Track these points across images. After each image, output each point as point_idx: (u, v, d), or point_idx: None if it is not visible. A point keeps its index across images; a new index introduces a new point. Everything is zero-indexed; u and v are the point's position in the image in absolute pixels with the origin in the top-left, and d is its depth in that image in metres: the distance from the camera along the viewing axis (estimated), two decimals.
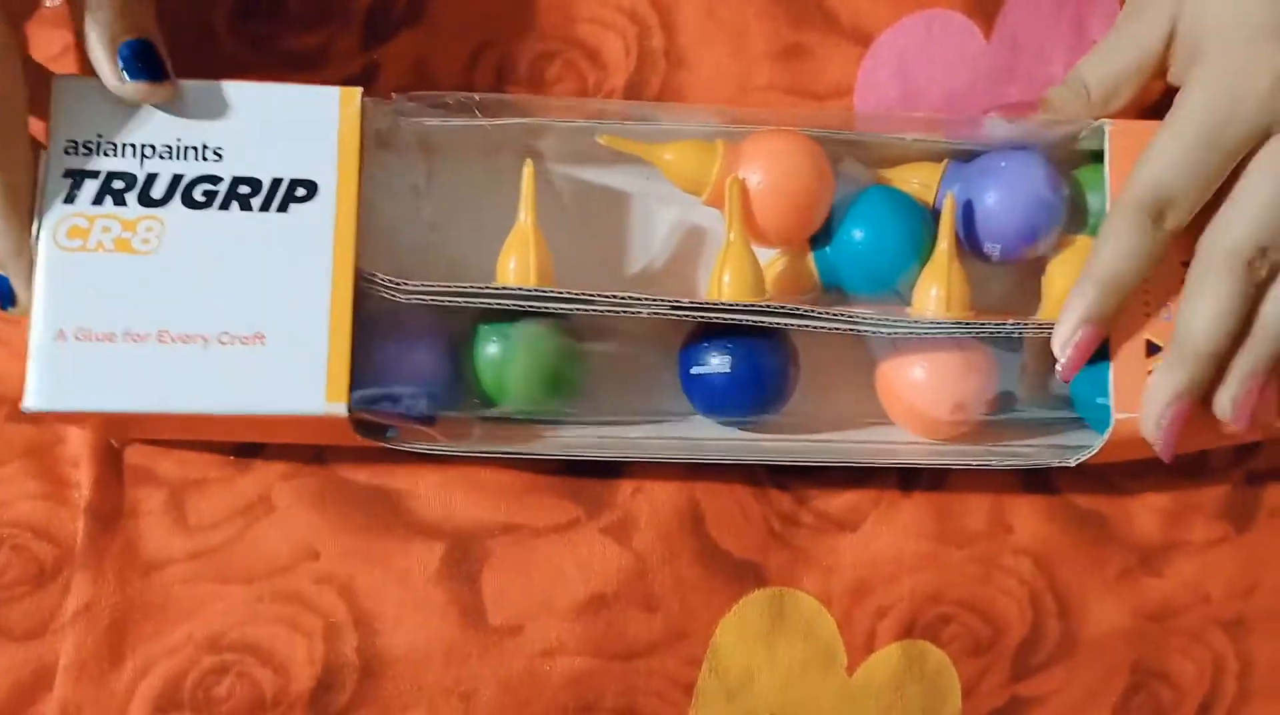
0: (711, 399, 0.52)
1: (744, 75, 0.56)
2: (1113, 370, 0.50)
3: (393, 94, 0.51)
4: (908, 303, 0.52)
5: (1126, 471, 0.56)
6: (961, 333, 0.50)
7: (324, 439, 0.52)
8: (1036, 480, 0.56)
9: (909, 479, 0.56)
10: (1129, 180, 0.47)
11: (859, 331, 0.50)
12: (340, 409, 0.47)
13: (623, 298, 0.48)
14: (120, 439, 0.54)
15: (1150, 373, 0.48)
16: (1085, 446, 0.51)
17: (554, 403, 0.52)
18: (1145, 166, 0.47)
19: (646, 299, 0.49)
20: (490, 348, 0.51)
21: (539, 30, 0.56)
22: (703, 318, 0.50)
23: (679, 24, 0.56)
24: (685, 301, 0.49)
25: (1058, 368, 0.49)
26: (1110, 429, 0.49)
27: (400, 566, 0.53)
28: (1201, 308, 0.46)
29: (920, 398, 0.52)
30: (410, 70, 0.56)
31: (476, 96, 0.51)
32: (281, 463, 0.53)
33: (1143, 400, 0.47)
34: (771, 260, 0.54)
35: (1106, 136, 0.51)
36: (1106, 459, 0.51)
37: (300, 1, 0.55)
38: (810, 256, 0.54)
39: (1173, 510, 0.56)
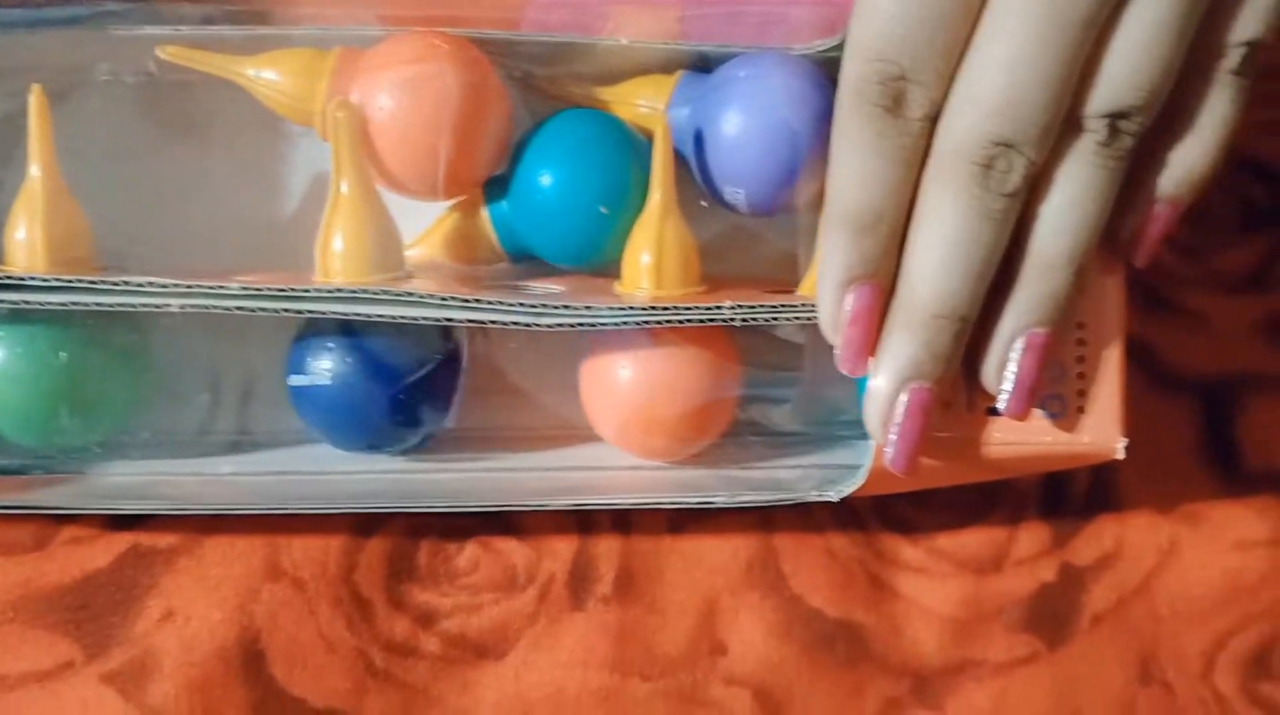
0: (317, 420, 0.42)
1: None
2: None
3: None
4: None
5: (895, 557, 0.45)
6: (643, 322, 0.39)
7: None
8: (765, 573, 0.45)
9: (582, 578, 0.44)
10: (844, 54, 0.37)
11: (501, 325, 0.39)
12: None
13: (145, 286, 0.39)
14: None
15: None
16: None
17: (77, 433, 0.42)
18: (856, 29, 0.36)
19: (179, 285, 0.39)
20: None
21: None
22: (259, 309, 0.39)
23: None
24: (233, 287, 0.39)
25: (835, 355, 0.38)
26: (873, 453, 0.39)
27: None
28: (929, 249, 0.36)
29: (625, 410, 0.42)
30: None
31: None
32: None
33: (868, 390, 0.38)
34: (441, 217, 0.44)
35: None
36: (878, 490, 0.41)
37: None
38: (484, 212, 0.43)
39: (959, 619, 0.44)
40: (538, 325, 0.38)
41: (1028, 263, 0.36)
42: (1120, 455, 0.38)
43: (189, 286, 0.38)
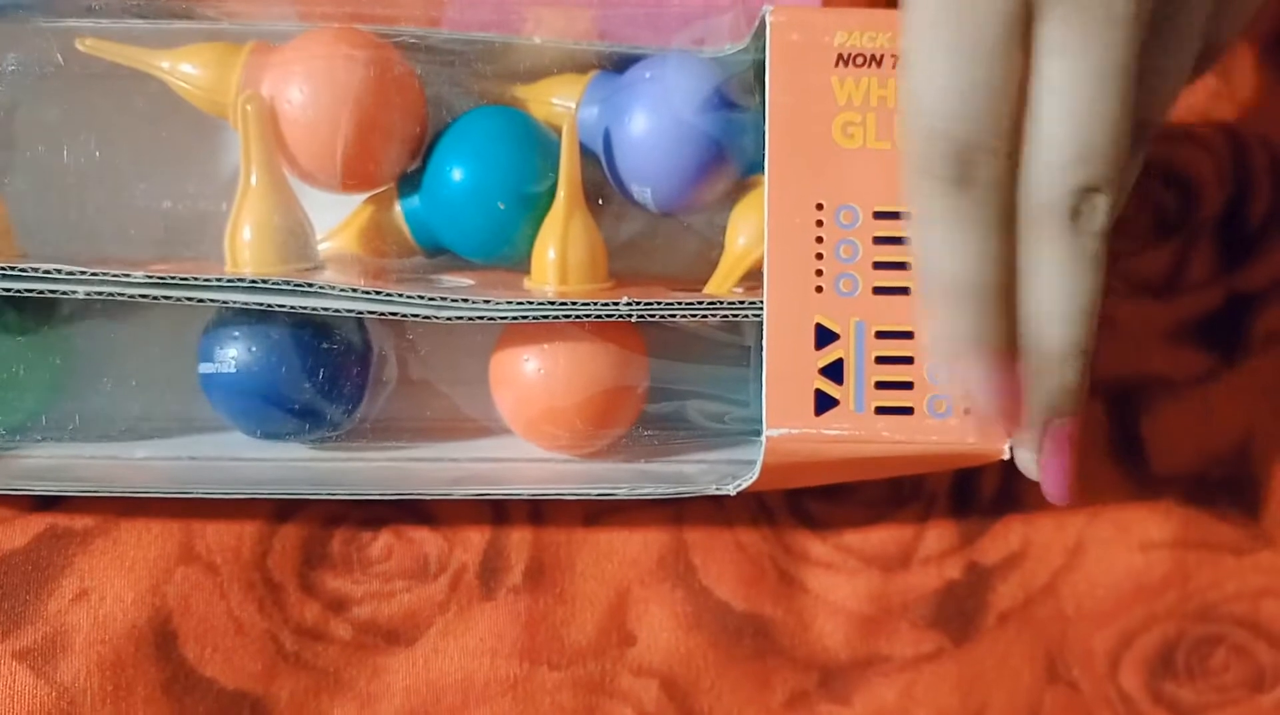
0: (224, 408, 0.42)
1: None
2: (766, 369, 0.39)
3: None
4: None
5: (803, 553, 0.44)
6: (539, 316, 0.40)
7: None
8: (676, 566, 0.44)
9: (493, 568, 0.44)
10: (903, 127, 0.36)
11: (402, 317, 0.39)
12: None
13: (52, 272, 0.39)
14: None
15: (820, 370, 0.39)
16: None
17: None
18: (911, 104, 0.36)
19: (85, 272, 0.39)
20: None
21: None
22: (164, 298, 0.39)
23: None
24: (139, 275, 0.39)
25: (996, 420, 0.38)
26: (764, 450, 0.39)
27: None
28: (1043, 301, 0.36)
29: (530, 402, 0.42)
30: None
31: None
32: None
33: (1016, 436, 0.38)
34: (356, 210, 0.44)
35: (768, 26, 0.39)
36: (771, 486, 0.41)
37: None
38: (398, 206, 0.43)
39: (867, 614, 0.44)
40: (437, 318, 0.38)
41: None
42: (1007, 456, 0.38)
43: (95, 273, 0.38)
